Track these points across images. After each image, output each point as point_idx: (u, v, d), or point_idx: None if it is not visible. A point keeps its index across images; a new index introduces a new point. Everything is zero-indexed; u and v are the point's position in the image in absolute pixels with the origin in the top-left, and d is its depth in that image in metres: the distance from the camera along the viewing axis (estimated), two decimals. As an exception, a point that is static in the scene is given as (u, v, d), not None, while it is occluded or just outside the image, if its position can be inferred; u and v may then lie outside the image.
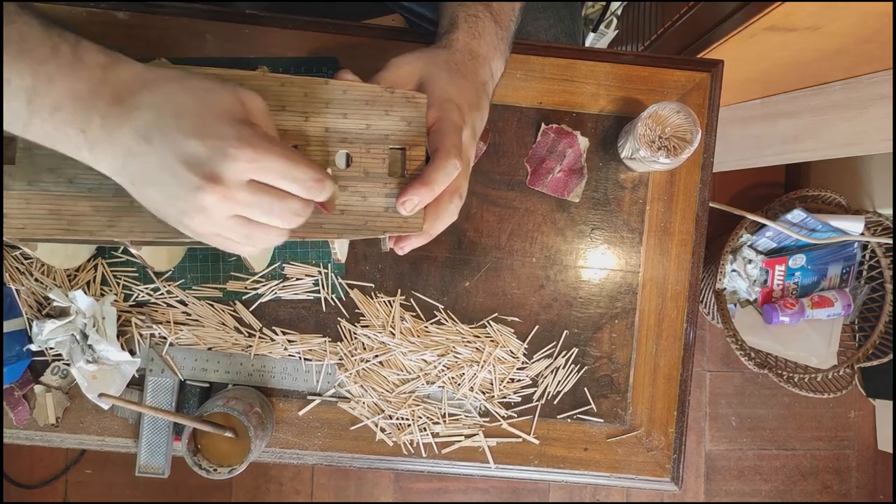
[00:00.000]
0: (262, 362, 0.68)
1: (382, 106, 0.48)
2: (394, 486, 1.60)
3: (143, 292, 0.67)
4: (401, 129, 0.48)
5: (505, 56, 0.57)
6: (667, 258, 0.70)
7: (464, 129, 0.48)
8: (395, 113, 0.48)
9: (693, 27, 0.96)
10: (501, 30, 0.56)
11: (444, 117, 0.48)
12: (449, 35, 0.54)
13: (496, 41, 0.55)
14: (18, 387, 0.66)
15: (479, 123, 0.52)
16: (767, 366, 1.34)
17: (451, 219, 0.49)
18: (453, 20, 0.55)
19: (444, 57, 0.51)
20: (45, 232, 0.46)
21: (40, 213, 0.46)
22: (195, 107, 0.38)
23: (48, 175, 0.46)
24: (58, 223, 0.46)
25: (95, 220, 0.46)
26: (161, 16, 0.65)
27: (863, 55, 0.91)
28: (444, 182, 0.46)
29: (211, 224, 0.40)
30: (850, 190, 1.43)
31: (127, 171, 0.40)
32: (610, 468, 0.70)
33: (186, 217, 0.40)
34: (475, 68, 0.53)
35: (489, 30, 0.55)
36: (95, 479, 1.55)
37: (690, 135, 0.62)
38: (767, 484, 1.67)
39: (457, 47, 0.53)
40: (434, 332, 0.69)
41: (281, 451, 0.69)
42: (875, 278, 1.41)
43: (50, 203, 0.46)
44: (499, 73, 0.57)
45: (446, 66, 0.51)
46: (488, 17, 0.55)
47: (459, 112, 0.48)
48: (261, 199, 0.39)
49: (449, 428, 0.69)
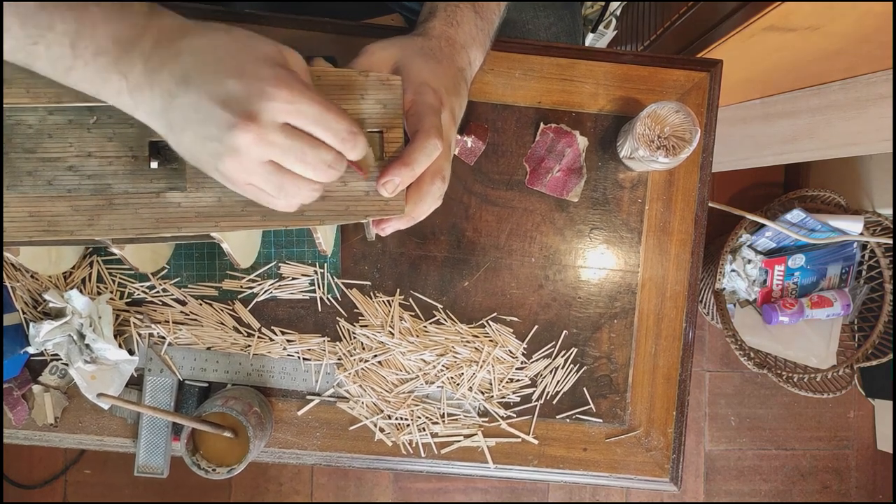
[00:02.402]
0: (261, 362, 0.68)
1: (357, 90, 0.48)
2: (393, 485, 1.59)
3: (139, 290, 0.67)
4: (377, 113, 0.48)
5: (485, 47, 0.57)
6: (666, 258, 0.70)
7: (442, 111, 0.48)
8: (371, 96, 0.48)
9: (692, 27, 0.96)
10: (482, 21, 0.56)
11: (420, 100, 0.48)
12: (426, 24, 0.54)
13: (475, 31, 0.55)
14: (17, 386, 0.66)
15: (458, 108, 0.52)
16: (767, 366, 1.34)
17: (434, 202, 0.49)
18: (432, 10, 0.55)
19: (419, 43, 0.52)
20: (25, 234, 0.46)
21: (20, 216, 0.46)
22: (237, 50, 0.39)
23: (26, 178, 0.46)
24: (38, 225, 0.46)
25: (75, 219, 0.46)
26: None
27: (862, 55, 0.91)
28: (424, 162, 0.46)
29: (244, 170, 0.40)
30: (850, 190, 1.43)
31: (165, 116, 0.40)
32: (609, 468, 0.70)
33: (220, 161, 0.39)
34: (451, 54, 0.53)
35: (468, 19, 0.55)
36: (94, 479, 1.55)
37: (689, 134, 0.62)
38: (767, 484, 1.67)
39: (433, 34, 0.53)
40: (433, 332, 0.69)
41: (280, 451, 0.69)
42: (874, 278, 1.41)
43: (29, 205, 0.46)
44: (478, 62, 0.57)
45: (421, 51, 0.51)
46: (468, 8, 0.55)
47: (436, 95, 0.48)
48: (294, 144, 0.39)
49: (448, 428, 0.69)
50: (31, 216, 0.46)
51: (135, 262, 0.57)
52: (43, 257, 0.60)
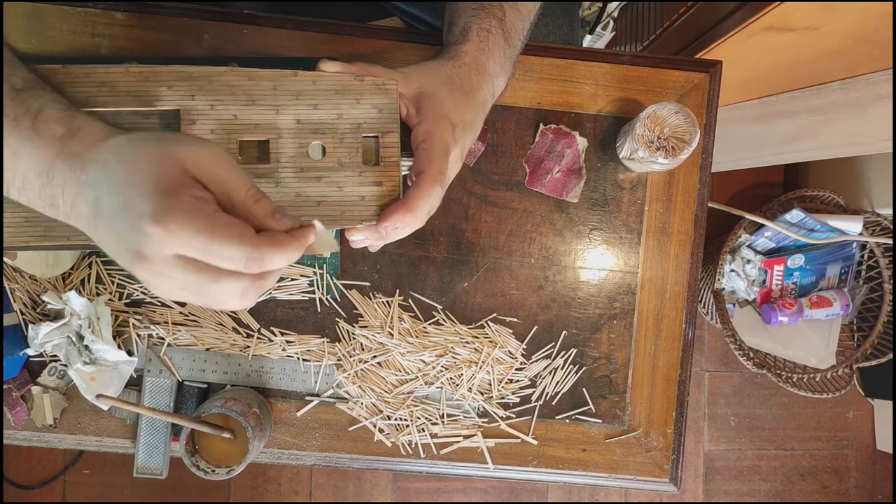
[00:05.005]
0: (261, 363, 0.68)
1: (353, 95, 0.48)
2: (392, 486, 1.59)
3: (138, 291, 0.67)
4: (373, 117, 0.48)
5: (508, 74, 0.57)
6: (665, 258, 0.70)
7: (453, 150, 0.48)
8: (366, 101, 0.48)
9: (691, 27, 0.96)
10: (510, 48, 0.56)
11: (436, 134, 0.47)
12: (458, 46, 0.53)
13: (504, 59, 0.55)
14: (16, 387, 0.66)
15: (469, 142, 0.52)
16: (766, 366, 1.34)
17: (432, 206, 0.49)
18: (465, 31, 0.54)
19: (447, 71, 0.51)
20: (22, 240, 0.46)
21: (16, 221, 0.46)
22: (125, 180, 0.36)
23: None
24: (34, 230, 0.46)
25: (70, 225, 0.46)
26: (160, 16, 0.65)
27: (862, 55, 0.91)
28: (425, 208, 0.46)
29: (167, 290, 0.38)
30: (849, 190, 1.43)
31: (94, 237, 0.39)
32: (608, 469, 0.70)
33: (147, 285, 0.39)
34: (479, 84, 0.52)
35: (499, 47, 0.54)
36: (94, 480, 1.55)
37: (689, 135, 0.62)
38: (766, 484, 1.67)
39: (464, 60, 0.52)
40: (432, 333, 0.69)
41: (279, 451, 0.69)
42: (874, 278, 1.41)
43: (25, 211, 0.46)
44: (500, 90, 0.57)
45: (449, 80, 0.51)
46: (499, 34, 0.54)
47: (452, 131, 0.48)
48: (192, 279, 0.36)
49: (447, 428, 0.69)
50: (28, 221, 0.46)
51: None
52: (40, 261, 0.60)
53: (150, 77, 0.46)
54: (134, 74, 0.46)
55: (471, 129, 0.51)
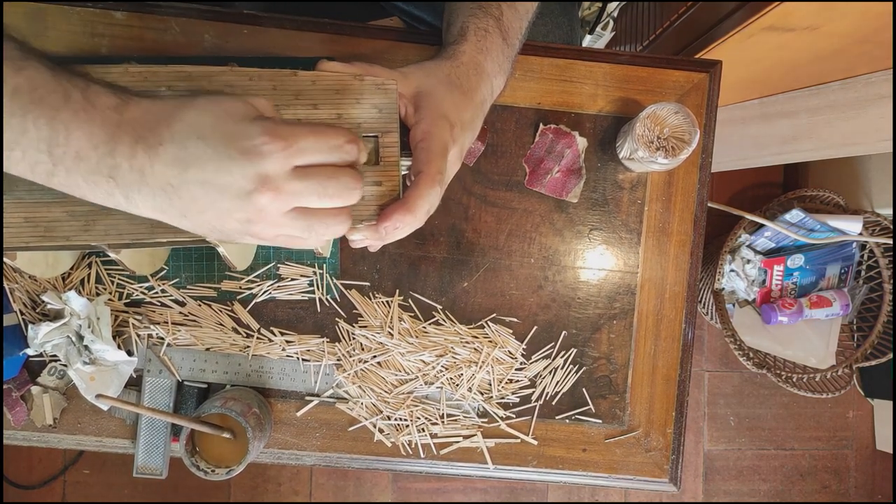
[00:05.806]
0: (260, 363, 0.68)
1: (353, 94, 0.48)
2: (392, 486, 1.59)
3: (138, 291, 0.67)
4: (373, 117, 0.48)
5: (507, 73, 0.57)
6: (665, 258, 0.70)
7: (451, 149, 0.48)
8: (366, 101, 0.48)
9: (691, 27, 0.96)
10: (508, 47, 0.56)
11: (434, 133, 0.47)
12: (456, 46, 0.53)
13: (502, 58, 0.55)
14: (16, 387, 0.66)
15: (468, 142, 0.52)
16: (766, 366, 1.34)
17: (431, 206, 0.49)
18: (463, 31, 0.54)
19: (445, 70, 0.51)
20: (21, 240, 0.46)
21: (16, 222, 0.46)
22: (214, 122, 0.38)
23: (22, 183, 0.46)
24: (34, 231, 0.46)
25: (71, 225, 0.46)
26: (160, 16, 0.65)
27: (861, 55, 0.91)
28: (424, 207, 0.46)
29: (272, 225, 0.40)
30: (849, 190, 1.43)
31: (174, 207, 0.39)
32: (608, 469, 0.70)
33: (248, 227, 0.40)
34: (478, 84, 0.52)
35: (497, 46, 0.54)
36: (94, 480, 1.55)
37: (689, 135, 0.62)
38: (766, 484, 1.67)
39: (462, 60, 0.52)
40: (432, 333, 0.69)
41: (279, 451, 0.69)
42: (873, 278, 1.41)
43: (25, 211, 0.46)
44: (498, 90, 0.57)
45: (447, 79, 0.51)
46: (497, 34, 0.54)
47: (451, 131, 0.48)
48: (310, 184, 0.39)
49: (447, 429, 0.69)
50: (27, 221, 0.46)
51: (132, 266, 0.57)
52: (40, 261, 0.60)
53: (150, 77, 0.46)
54: (133, 74, 0.46)
55: (469, 128, 0.51)
